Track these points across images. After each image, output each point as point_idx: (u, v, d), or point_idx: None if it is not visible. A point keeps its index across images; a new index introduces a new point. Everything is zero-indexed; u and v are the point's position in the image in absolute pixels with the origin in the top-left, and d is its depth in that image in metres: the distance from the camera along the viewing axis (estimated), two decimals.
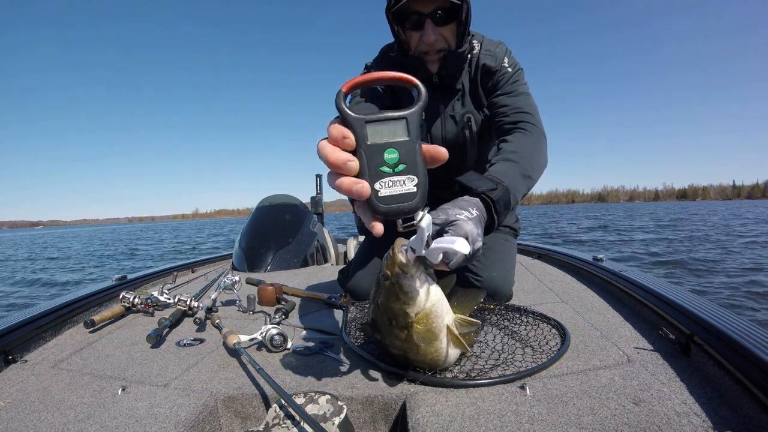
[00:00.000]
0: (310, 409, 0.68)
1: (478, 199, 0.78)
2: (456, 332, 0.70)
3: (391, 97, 1.17)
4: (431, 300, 0.67)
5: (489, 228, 0.80)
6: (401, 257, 0.63)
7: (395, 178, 0.51)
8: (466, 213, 0.72)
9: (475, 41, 1.14)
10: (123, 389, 0.81)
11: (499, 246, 1.35)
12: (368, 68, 1.24)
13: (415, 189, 0.52)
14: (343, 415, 0.67)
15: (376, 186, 0.51)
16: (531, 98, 1.12)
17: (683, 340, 0.85)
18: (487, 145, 1.26)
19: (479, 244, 0.71)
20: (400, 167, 0.51)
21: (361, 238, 2.63)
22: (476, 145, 1.20)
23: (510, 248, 1.38)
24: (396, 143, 0.51)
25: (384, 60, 1.20)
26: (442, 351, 0.72)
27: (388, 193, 0.51)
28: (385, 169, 0.51)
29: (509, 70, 1.12)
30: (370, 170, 0.51)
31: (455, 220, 0.70)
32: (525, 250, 2.39)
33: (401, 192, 0.52)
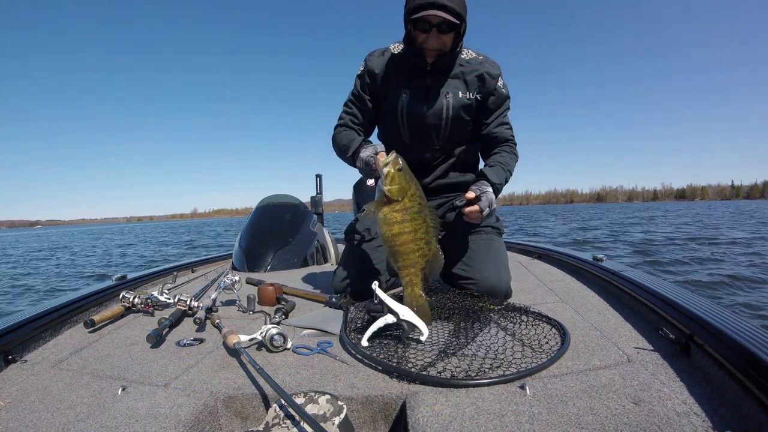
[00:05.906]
0: (310, 409, 0.68)
1: (488, 183, 1.33)
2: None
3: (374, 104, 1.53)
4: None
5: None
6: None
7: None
8: (486, 187, 1.29)
9: (472, 51, 1.48)
10: (123, 389, 0.81)
11: (484, 247, 1.42)
12: (367, 70, 1.49)
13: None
14: (343, 415, 0.67)
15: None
16: (510, 123, 1.53)
17: (683, 340, 0.85)
18: (462, 128, 1.49)
19: (495, 205, 1.30)
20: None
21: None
22: (451, 117, 1.45)
23: (497, 246, 1.44)
24: None
25: (388, 55, 1.48)
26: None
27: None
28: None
29: (503, 92, 1.47)
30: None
31: (485, 191, 1.27)
32: (525, 250, 2.39)
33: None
